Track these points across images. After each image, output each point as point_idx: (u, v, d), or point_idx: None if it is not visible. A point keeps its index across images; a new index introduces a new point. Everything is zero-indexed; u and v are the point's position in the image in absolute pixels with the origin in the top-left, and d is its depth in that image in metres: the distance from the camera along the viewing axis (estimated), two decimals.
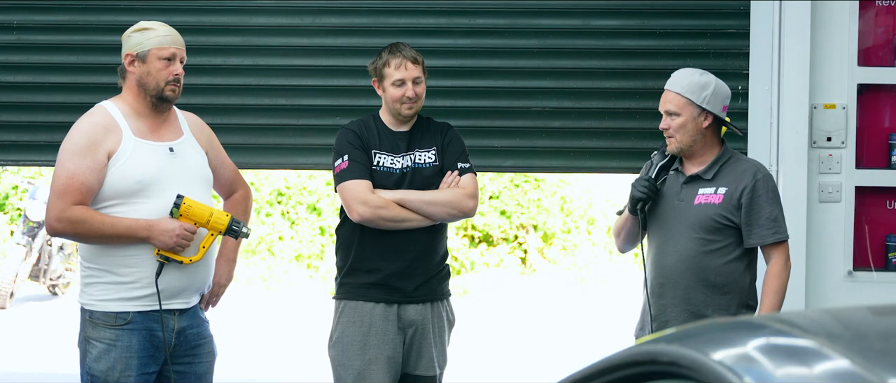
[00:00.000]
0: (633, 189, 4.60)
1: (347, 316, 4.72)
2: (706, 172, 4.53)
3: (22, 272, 11.71)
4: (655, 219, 4.59)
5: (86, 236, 4.24)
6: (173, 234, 4.21)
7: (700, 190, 4.52)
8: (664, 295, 4.53)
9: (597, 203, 14.21)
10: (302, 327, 10.81)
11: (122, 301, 4.25)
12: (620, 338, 5.04)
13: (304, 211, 13.80)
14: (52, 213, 4.22)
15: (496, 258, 13.75)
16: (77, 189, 4.19)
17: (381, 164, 4.69)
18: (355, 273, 4.72)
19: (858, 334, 2.37)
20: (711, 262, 4.48)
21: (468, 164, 4.78)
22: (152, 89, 4.30)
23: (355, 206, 4.62)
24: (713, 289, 4.48)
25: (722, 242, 4.48)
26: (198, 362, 4.42)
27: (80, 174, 4.19)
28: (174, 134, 4.39)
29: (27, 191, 12.78)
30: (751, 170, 4.53)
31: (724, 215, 4.47)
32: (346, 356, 4.69)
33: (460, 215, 4.74)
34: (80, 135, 4.25)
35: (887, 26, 5.72)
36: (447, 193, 4.70)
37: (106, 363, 4.24)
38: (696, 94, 4.48)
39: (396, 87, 4.69)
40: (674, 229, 4.53)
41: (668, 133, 4.52)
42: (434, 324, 4.75)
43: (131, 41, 4.33)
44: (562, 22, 5.83)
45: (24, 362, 8.99)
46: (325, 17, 5.88)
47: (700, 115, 4.49)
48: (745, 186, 4.48)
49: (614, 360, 2.41)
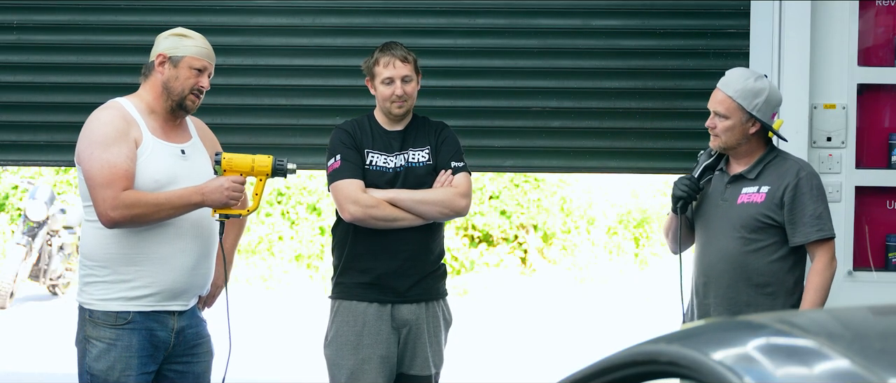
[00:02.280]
0: (674, 187, 4.58)
1: (342, 315, 4.72)
2: (750, 172, 4.51)
3: (22, 272, 11.71)
4: (700, 219, 4.59)
5: (144, 217, 4.16)
6: (223, 190, 4.22)
7: (743, 189, 4.51)
8: (707, 294, 4.53)
9: (597, 203, 14.21)
10: (302, 327, 10.81)
11: (122, 300, 4.25)
12: (620, 338, 5.04)
13: (304, 211, 13.80)
14: (106, 204, 4.12)
15: (496, 258, 13.75)
16: (122, 176, 4.14)
17: (374, 164, 4.69)
18: (349, 272, 4.73)
19: (858, 334, 2.37)
20: (754, 262, 4.46)
21: (462, 163, 4.77)
22: (176, 95, 4.30)
23: (347, 206, 4.62)
24: (756, 289, 4.46)
25: (765, 241, 4.46)
26: (196, 362, 4.43)
27: (120, 162, 4.15)
28: (184, 137, 4.40)
29: (27, 191, 12.79)
30: (794, 168, 4.51)
31: (766, 214, 4.45)
32: (339, 355, 4.69)
33: (452, 214, 4.74)
34: (105, 126, 4.20)
35: (887, 26, 5.72)
36: (439, 192, 4.69)
37: (106, 362, 4.23)
38: (747, 100, 4.44)
39: (386, 85, 4.69)
40: (717, 228, 4.52)
41: (715, 132, 4.50)
42: (429, 324, 4.75)
43: (167, 43, 4.32)
44: (562, 22, 5.83)
45: (24, 362, 8.99)
46: (325, 17, 5.89)
47: (748, 121, 4.47)
48: (788, 184, 4.46)
49: (614, 360, 2.41)
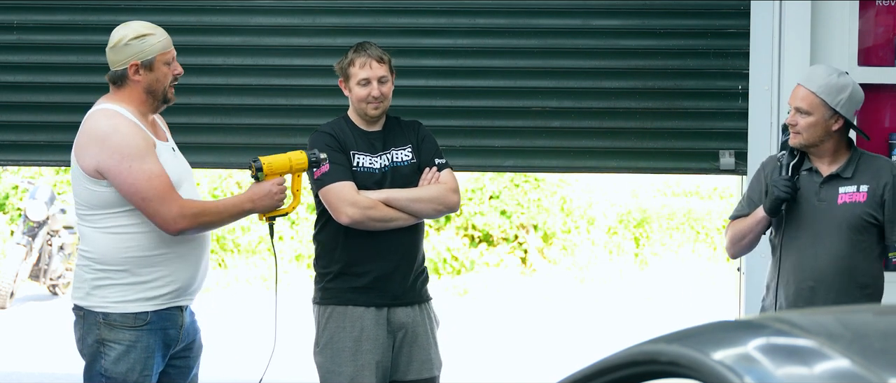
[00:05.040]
0: (774, 189, 4.45)
1: (336, 321, 4.66)
2: (844, 170, 4.47)
3: (22, 272, 11.71)
4: (793, 221, 4.48)
5: (209, 226, 4.27)
6: (273, 196, 4.32)
7: (841, 188, 4.46)
8: (815, 299, 4.44)
9: (597, 203, 14.21)
10: (301, 327, 10.80)
11: (141, 301, 4.24)
12: (620, 338, 5.03)
13: (305, 211, 13.80)
14: (172, 214, 4.16)
15: (496, 258, 13.74)
16: (170, 185, 4.19)
17: (361, 165, 4.66)
18: (343, 277, 4.67)
19: (858, 334, 2.37)
20: (861, 263, 4.45)
21: (444, 160, 4.77)
22: (160, 94, 4.30)
23: (344, 209, 4.57)
24: (862, 290, 4.44)
25: (867, 241, 4.45)
26: (192, 357, 4.46)
27: (162, 172, 4.19)
28: (163, 134, 4.42)
29: (27, 191, 12.79)
30: (887, 166, 4.50)
31: (870, 213, 4.43)
32: (335, 362, 4.63)
33: (445, 210, 4.73)
34: (132, 137, 4.19)
35: (887, 26, 5.72)
36: (431, 190, 4.69)
37: (126, 364, 4.22)
38: (831, 95, 4.41)
39: (361, 86, 4.66)
40: (820, 230, 4.45)
41: (796, 129, 4.44)
42: (425, 326, 4.73)
43: (132, 50, 4.27)
44: (562, 22, 5.83)
45: (24, 362, 8.99)
46: (325, 17, 5.88)
47: (831, 118, 4.42)
48: (887, 183, 4.45)
49: (614, 360, 2.41)
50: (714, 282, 13.09)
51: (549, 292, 13.10)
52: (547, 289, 13.21)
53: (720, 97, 5.77)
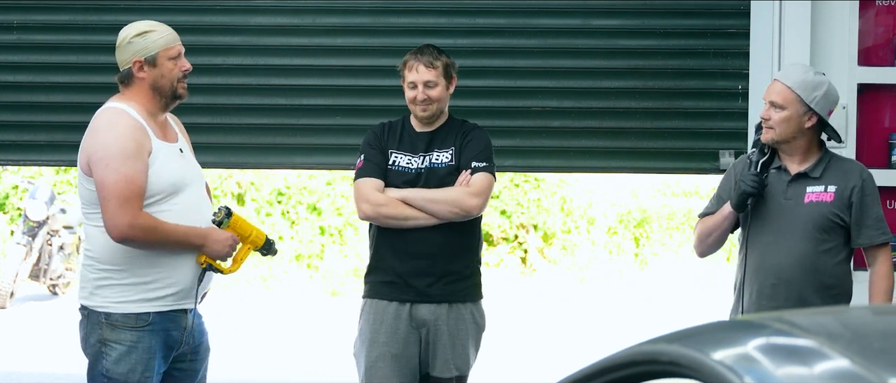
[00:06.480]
0: (741, 183, 4.46)
1: (366, 313, 4.83)
2: (813, 170, 4.47)
3: (22, 272, 11.71)
4: (759, 218, 4.48)
5: (153, 243, 4.21)
6: (226, 245, 4.30)
7: (808, 188, 4.46)
8: (777, 296, 4.44)
9: (597, 203, 14.21)
10: (302, 327, 10.82)
11: (142, 302, 4.24)
12: (620, 338, 5.03)
13: (304, 211, 13.80)
14: (124, 220, 4.14)
15: (496, 258, 13.74)
16: (138, 194, 4.16)
17: (396, 164, 4.77)
18: (375, 271, 4.84)
19: (858, 334, 2.37)
20: (825, 263, 4.44)
21: (484, 163, 4.78)
22: (167, 90, 4.31)
23: (359, 204, 4.76)
24: (826, 291, 4.43)
25: (832, 242, 4.44)
26: (198, 360, 4.44)
27: (137, 178, 4.17)
28: (174, 135, 4.41)
29: (27, 191, 12.78)
30: (856, 169, 4.51)
31: (836, 213, 4.43)
32: (360, 352, 4.81)
33: (462, 213, 4.75)
34: (125, 139, 4.19)
35: (887, 26, 5.72)
36: (450, 191, 4.73)
37: (127, 365, 4.22)
38: (807, 91, 4.41)
39: (410, 88, 4.78)
40: (785, 228, 4.45)
41: (769, 124, 4.44)
42: (450, 326, 4.77)
43: (135, 47, 4.29)
44: (562, 22, 5.83)
45: (24, 362, 8.99)
46: (325, 17, 5.88)
47: (805, 114, 4.43)
48: (855, 185, 4.45)
49: (614, 360, 2.41)
50: (714, 282, 13.09)
51: (549, 292, 13.10)
52: (547, 289, 13.21)
53: (720, 97, 5.77)
